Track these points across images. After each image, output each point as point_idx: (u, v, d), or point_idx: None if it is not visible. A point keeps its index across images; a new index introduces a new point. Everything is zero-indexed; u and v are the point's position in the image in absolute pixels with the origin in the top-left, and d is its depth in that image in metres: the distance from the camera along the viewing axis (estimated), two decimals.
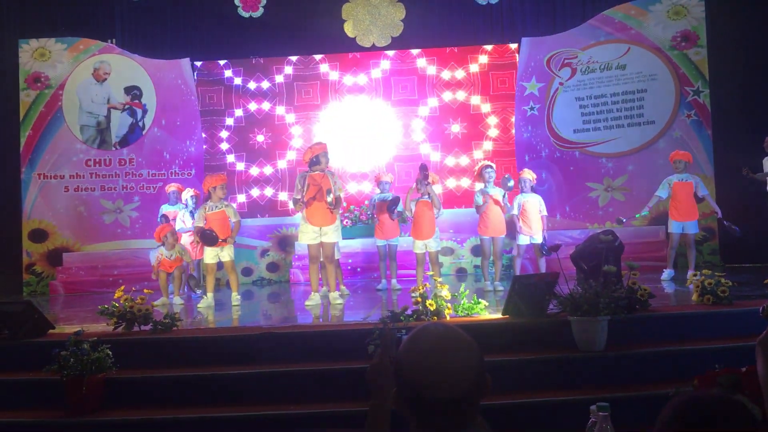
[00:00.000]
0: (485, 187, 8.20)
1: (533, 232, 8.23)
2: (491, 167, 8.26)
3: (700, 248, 10.12)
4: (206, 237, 7.74)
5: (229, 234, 7.93)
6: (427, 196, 8.15)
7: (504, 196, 8.21)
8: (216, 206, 7.94)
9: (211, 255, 7.89)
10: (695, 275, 5.73)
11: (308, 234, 7.39)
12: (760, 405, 2.44)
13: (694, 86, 10.47)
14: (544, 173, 10.66)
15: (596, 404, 2.09)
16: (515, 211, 8.28)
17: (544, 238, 8.23)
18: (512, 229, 8.64)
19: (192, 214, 9.19)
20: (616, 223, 8.75)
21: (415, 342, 1.56)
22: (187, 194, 9.43)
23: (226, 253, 7.92)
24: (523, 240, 8.30)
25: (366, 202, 9.38)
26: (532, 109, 11.00)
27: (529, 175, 8.50)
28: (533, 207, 8.26)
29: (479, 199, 8.14)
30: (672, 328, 5.18)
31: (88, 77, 11.44)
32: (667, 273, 8.39)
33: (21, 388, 4.84)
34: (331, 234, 7.39)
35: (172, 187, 9.80)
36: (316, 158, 7.38)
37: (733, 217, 10.10)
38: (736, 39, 10.33)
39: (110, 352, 4.58)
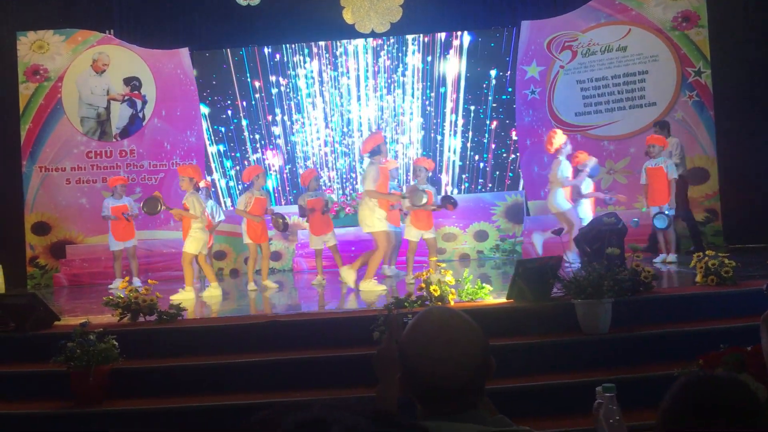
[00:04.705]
0: None
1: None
2: None
3: (703, 229, 10.11)
4: (151, 202, 8.21)
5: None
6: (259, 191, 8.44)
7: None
8: (260, 193, 8.41)
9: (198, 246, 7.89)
10: (698, 255, 5.72)
11: (383, 221, 7.42)
12: (765, 383, 2.44)
13: (696, 67, 10.40)
14: (546, 157, 10.61)
15: (602, 385, 2.09)
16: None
17: None
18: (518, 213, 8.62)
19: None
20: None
21: (418, 329, 1.55)
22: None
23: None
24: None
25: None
26: (533, 92, 10.95)
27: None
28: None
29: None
30: (676, 309, 5.19)
31: (87, 69, 11.39)
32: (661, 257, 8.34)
33: (28, 380, 4.87)
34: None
35: (118, 181, 9.84)
36: (378, 148, 7.37)
37: (734, 197, 10.11)
38: (737, 18, 10.26)
39: (116, 343, 4.60)
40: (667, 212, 8.17)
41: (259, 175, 8.46)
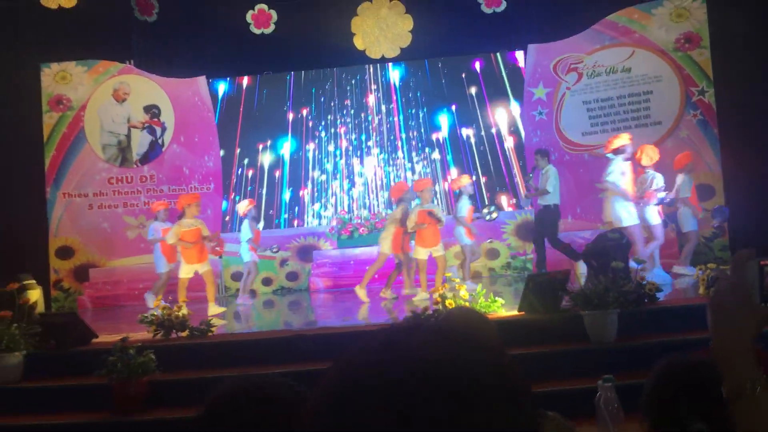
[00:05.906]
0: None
1: None
2: None
3: (711, 244, 10.33)
4: None
5: None
6: (428, 204, 8.46)
7: None
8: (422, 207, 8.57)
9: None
10: (700, 269, 5.99)
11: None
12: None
13: (699, 86, 10.68)
14: None
15: (602, 377, 2.39)
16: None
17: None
18: None
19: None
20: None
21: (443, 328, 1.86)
22: (246, 207, 9.71)
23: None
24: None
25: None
26: (540, 113, 11.26)
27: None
28: None
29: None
30: (678, 319, 5.43)
31: (109, 98, 11.78)
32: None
33: (70, 393, 5.17)
34: None
35: (161, 206, 10.05)
36: (624, 148, 8.03)
37: (740, 213, 10.33)
38: (738, 38, 10.51)
39: (153, 357, 4.91)
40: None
41: (407, 191, 8.92)
